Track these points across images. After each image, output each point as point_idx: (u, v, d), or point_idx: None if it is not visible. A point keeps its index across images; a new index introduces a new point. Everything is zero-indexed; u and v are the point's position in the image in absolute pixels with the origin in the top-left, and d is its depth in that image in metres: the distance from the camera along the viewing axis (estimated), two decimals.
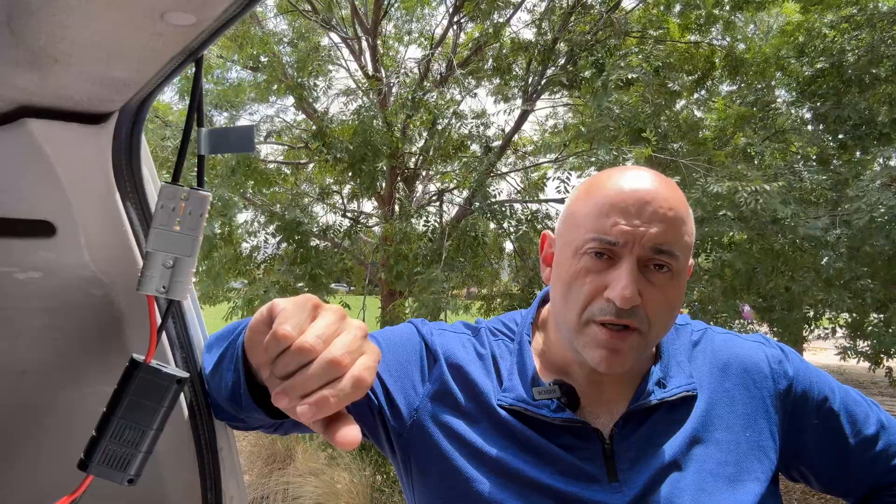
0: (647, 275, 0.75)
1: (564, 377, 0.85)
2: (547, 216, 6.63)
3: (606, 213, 0.76)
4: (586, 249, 0.76)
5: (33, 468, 0.80)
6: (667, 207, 0.75)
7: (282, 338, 0.50)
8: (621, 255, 0.75)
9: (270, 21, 7.99)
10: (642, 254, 0.75)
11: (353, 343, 0.52)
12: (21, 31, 0.47)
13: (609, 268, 0.75)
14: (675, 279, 0.77)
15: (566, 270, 0.79)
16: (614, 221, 0.75)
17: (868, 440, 0.87)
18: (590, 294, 0.76)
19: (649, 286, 0.75)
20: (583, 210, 0.79)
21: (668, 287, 0.76)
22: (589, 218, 0.77)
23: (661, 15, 6.65)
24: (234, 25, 0.49)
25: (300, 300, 0.54)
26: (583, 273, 0.77)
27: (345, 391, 0.49)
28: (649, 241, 0.74)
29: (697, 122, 7.22)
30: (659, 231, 0.74)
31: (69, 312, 0.74)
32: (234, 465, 0.84)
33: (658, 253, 0.75)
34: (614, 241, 0.75)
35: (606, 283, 0.75)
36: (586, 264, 0.76)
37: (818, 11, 6.59)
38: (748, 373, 0.86)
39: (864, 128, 6.02)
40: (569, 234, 0.81)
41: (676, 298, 0.78)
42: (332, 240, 6.99)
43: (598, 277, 0.76)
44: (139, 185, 0.72)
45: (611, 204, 0.76)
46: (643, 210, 0.75)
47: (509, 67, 6.72)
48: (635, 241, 0.74)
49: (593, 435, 0.80)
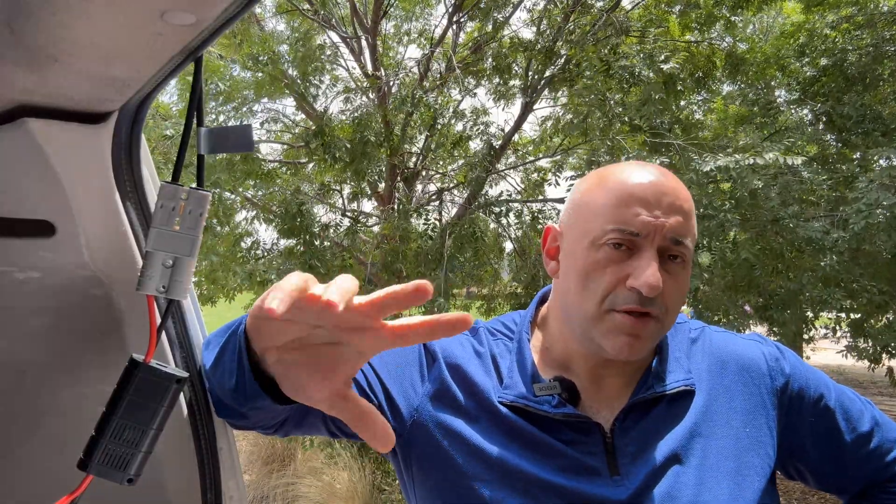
0: (664, 265, 0.77)
1: (565, 373, 0.86)
2: (547, 216, 6.63)
3: (626, 203, 0.77)
4: (606, 240, 0.77)
5: (33, 468, 0.80)
6: (682, 199, 0.78)
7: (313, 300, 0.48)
8: (642, 245, 0.76)
9: (270, 21, 8.00)
10: (662, 244, 0.76)
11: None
12: (21, 31, 0.47)
13: (629, 258, 0.77)
14: (686, 269, 0.79)
15: (582, 261, 0.79)
16: (636, 212, 0.76)
17: (863, 437, 0.88)
18: (611, 284, 0.77)
19: (667, 276, 0.77)
20: (599, 200, 0.79)
21: (680, 276, 0.78)
22: (607, 208, 0.78)
23: (661, 14, 6.65)
24: (233, 25, 0.49)
25: (296, 273, 0.54)
26: (602, 263, 0.77)
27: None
28: (669, 232, 0.76)
29: (697, 122, 7.23)
30: (677, 222, 0.76)
31: (69, 312, 0.74)
32: (234, 465, 0.84)
33: (676, 244, 0.77)
34: (636, 232, 0.76)
35: (627, 273, 0.76)
36: (606, 254, 0.77)
37: (819, 12, 6.60)
38: (746, 370, 0.87)
39: (867, 124, 6.02)
40: (582, 225, 0.81)
41: (686, 287, 0.80)
42: (331, 239, 6.99)
43: (619, 267, 0.77)
44: (139, 185, 0.71)
45: (629, 194, 0.77)
46: (661, 201, 0.76)
47: (509, 67, 6.72)
48: (656, 232, 0.76)
49: (594, 429, 0.80)
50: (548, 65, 6.31)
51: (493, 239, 7.25)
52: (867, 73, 6.11)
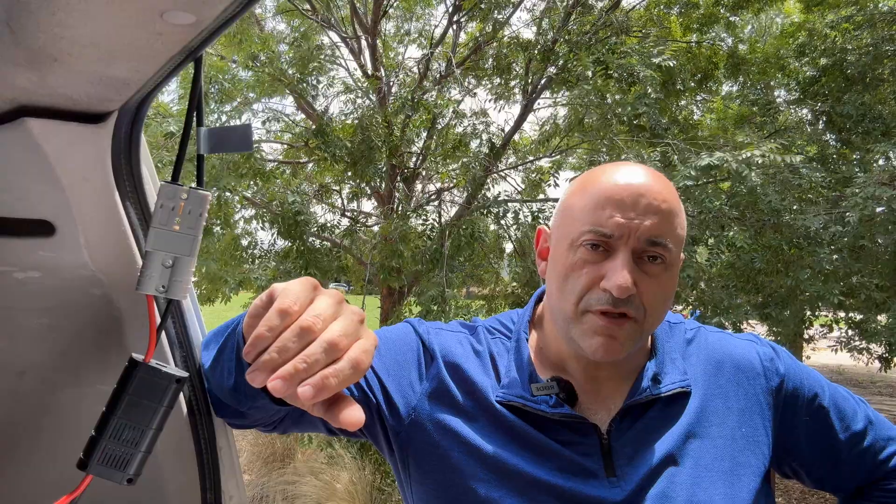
0: (642, 266, 0.77)
1: (561, 373, 0.86)
2: (547, 217, 6.63)
3: (602, 205, 0.77)
4: (582, 241, 0.78)
5: (33, 468, 0.80)
6: (660, 200, 0.77)
7: (284, 311, 0.50)
8: (616, 246, 0.77)
9: (269, 21, 7.99)
10: (637, 245, 0.76)
11: (351, 326, 0.52)
12: (21, 31, 0.47)
13: (605, 259, 0.77)
14: (669, 270, 0.79)
15: (562, 263, 0.80)
16: (610, 214, 0.77)
17: (857, 435, 0.89)
18: (586, 285, 0.77)
19: (644, 276, 0.77)
20: (578, 204, 0.81)
21: (661, 277, 0.78)
22: (584, 211, 0.79)
23: (661, 14, 6.66)
24: (233, 24, 0.49)
25: (300, 280, 0.54)
26: (579, 265, 0.78)
27: (344, 372, 0.49)
28: (644, 234, 0.76)
29: (696, 122, 7.24)
30: (653, 223, 0.76)
31: (69, 312, 0.74)
32: (234, 464, 0.84)
33: (652, 245, 0.76)
34: (610, 234, 0.76)
35: (602, 274, 0.77)
36: (582, 256, 0.78)
37: (819, 12, 6.61)
38: (741, 370, 0.88)
39: (867, 124, 6.02)
40: (564, 228, 0.82)
41: (669, 288, 0.80)
42: (330, 239, 6.99)
43: (595, 268, 0.77)
44: (138, 185, 0.71)
45: (606, 197, 0.78)
46: (637, 203, 0.76)
47: (509, 66, 6.73)
48: (630, 233, 0.76)
49: (591, 430, 0.81)
50: (547, 65, 6.31)
51: (494, 239, 7.26)
52: (867, 73, 6.11)
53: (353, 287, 10.42)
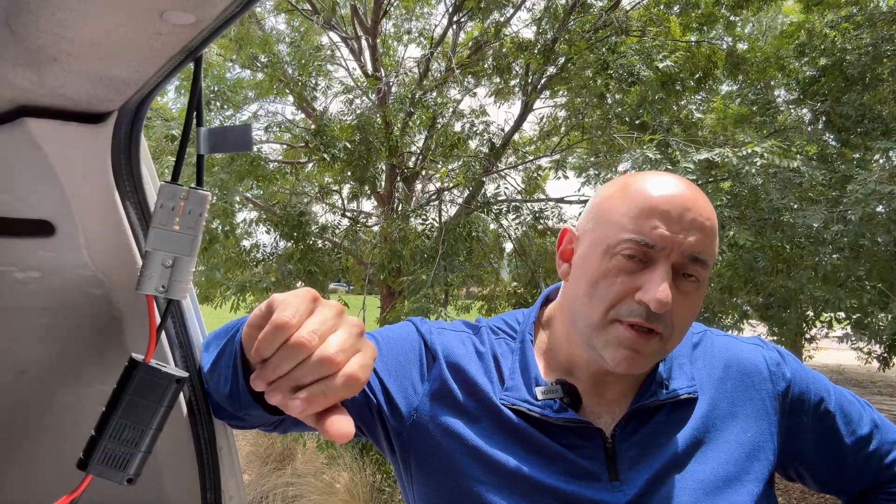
0: (677, 282, 0.75)
1: (567, 376, 0.85)
2: (547, 216, 6.63)
3: (647, 214, 0.75)
4: (620, 250, 0.75)
5: (33, 468, 0.80)
6: (705, 217, 0.76)
7: (281, 326, 0.50)
8: (657, 259, 0.74)
9: (269, 21, 7.99)
10: (678, 260, 0.74)
11: (348, 341, 0.52)
12: (20, 31, 0.47)
13: (641, 270, 0.75)
14: (700, 289, 0.77)
15: (594, 268, 0.78)
16: (654, 225, 0.74)
17: (862, 439, 0.89)
18: (619, 294, 0.75)
19: (678, 294, 0.75)
20: (619, 209, 0.78)
21: (693, 296, 0.76)
22: (627, 217, 0.76)
23: (661, 14, 6.65)
24: (233, 24, 0.49)
25: (299, 292, 0.54)
26: (613, 272, 0.76)
27: (335, 389, 0.49)
28: (687, 249, 0.74)
29: (696, 122, 7.23)
30: (697, 240, 0.74)
31: (68, 312, 0.74)
32: (234, 464, 0.84)
33: (693, 262, 0.75)
34: (652, 245, 0.74)
35: (638, 285, 0.74)
36: (618, 264, 0.76)
37: (819, 11, 6.61)
38: (747, 374, 0.87)
39: (867, 123, 6.02)
40: (599, 232, 0.79)
41: (697, 308, 0.78)
42: (330, 239, 6.99)
43: (630, 279, 0.75)
44: (138, 185, 0.71)
45: (651, 206, 0.75)
46: (683, 217, 0.74)
47: (509, 66, 6.72)
48: (674, 248, 0.74)
49: (595, 434, 0.80)
50: (547, 64, 6.31)
51: (494, 239, 7.25)
52: (866, 73, 6.11)
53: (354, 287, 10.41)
